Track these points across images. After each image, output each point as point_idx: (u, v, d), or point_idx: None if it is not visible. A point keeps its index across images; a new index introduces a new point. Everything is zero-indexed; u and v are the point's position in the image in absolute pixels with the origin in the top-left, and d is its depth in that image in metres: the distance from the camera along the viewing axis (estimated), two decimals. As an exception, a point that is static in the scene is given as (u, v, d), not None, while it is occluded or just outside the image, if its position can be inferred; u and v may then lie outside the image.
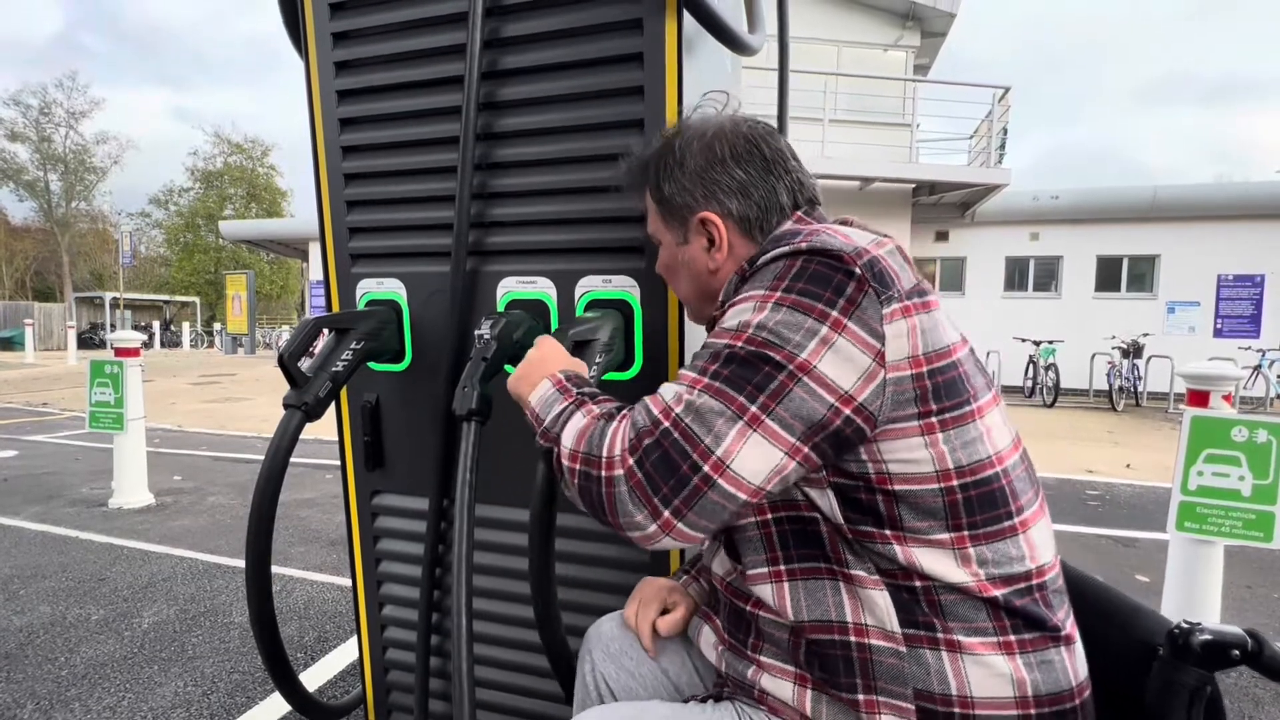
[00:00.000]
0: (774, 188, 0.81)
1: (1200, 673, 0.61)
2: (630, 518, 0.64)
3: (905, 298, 0.65)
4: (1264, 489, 1.98)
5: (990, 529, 0.66)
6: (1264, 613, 2.49)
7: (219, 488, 4.06)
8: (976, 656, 0.64)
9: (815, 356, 0.62)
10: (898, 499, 0.65)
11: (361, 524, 1.40)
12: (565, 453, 0.70)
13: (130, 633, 2.16)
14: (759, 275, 0.69)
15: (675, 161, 0.83)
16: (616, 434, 0.66)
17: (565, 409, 0.74)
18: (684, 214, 0.84)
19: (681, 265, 0.87)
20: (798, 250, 0.67)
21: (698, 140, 0.83)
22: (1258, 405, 8.99)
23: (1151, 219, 10.01)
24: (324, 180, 1.29)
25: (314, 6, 1.22)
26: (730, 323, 0.67)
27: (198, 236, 31.41)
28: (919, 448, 0.65)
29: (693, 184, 0.82)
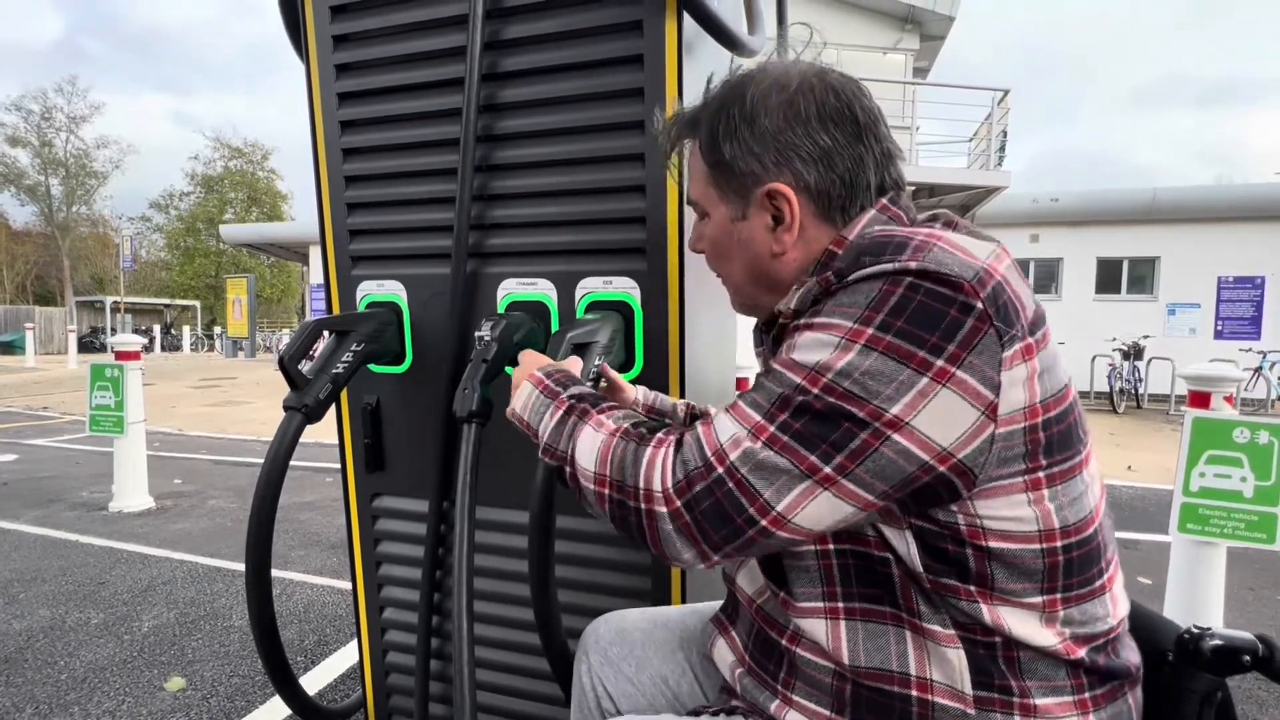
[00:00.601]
0: (862, 159, 0.66)
1: (1210, 678, 0.60)
2: (676, 553, 0.59)
3: (1029, 333, 0.55)
4: (1266, 490, 1.98)
5: (1083, 590, 0.60)
6: (1267, 614, 2.48)
7: (219, 491, 4.06)
8: (1051, 719, 0.59)
9: (910, 412, 0.52)
10: (991, 556, 0.57)
11: (362, 527, 1.40)
12: (588, 475, 0.64)
13: (130, 636, 2.15)
14: (848, 293, 0.56)
15: (744, 116, 0.66)
16: (656, 466, 0.60)
17: (564, 419, 0.68)
18: (747, 183, 0.67)
19: (733, 245, 0.71)
20: (904, 270, 0.54)
21: (777, 93, 0.65)
22: (1259, 407, 8.98)
23: (1151, 221, 10.01)
24: (324, 183, 1.29)
25: (315, 9, 1.22)
26: (807, 357, 0.56)
27: (198, 240, 31.48)
28: (1021, 505, 0.56)
29: (763, 147, 0.65)
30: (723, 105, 0.68)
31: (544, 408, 0.72)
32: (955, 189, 9.56)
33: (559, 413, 0.70)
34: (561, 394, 0.72)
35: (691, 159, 0.74)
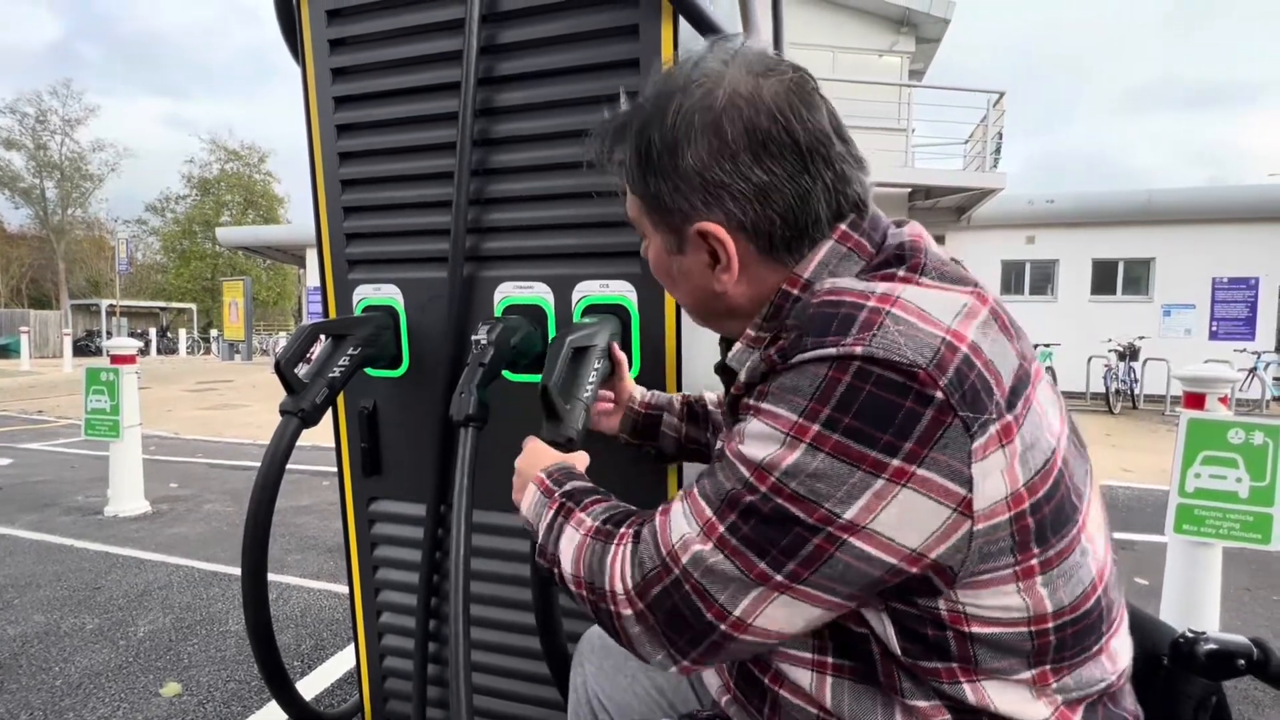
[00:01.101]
0: (807, 192, 0.57)
1: (1205, 683, 0.60)
2: (648, 655, 0.58)
3: (1006, 409, 0.48)
4: (1261, 491, 1.99)
5: (1077, 660, 0.55)
6: (1263, 615, 2.49)
7: (215, 495, 4.04)
8: None
9: (867, 515, 0.47)
10: (974, 640, 0.52)
11: (359, 531, 1.39)
12: (567, 577, 0.63)
13: (125, 641, 2.14)
14: (793, 374, 0.50)
15: (666, 145, 0.58)
16: (616, 565, 0.58)
17: (553, 520, 0.68)
18: (677, 219, 0.61)
19: (678, 274, 0.66)
20: (846, 358, 0.48)
21: (701, 115, 0.57)
22: (1253, 407, 9.01)
23: (1146, 222, 10.06)
24: (321, 186, 1.29)
25: (311, 13, 1.22)
26: (754, 451, 0.51)
27: (194, 243, 31.40)
28: (1011, 594, 0.51)
29: (690, 185, 0.58)
30: (645, 124, 0.60)
31: (541, 510, 0.71)
32: (951, 191, 9.59)
33: (550, 513, 0.69)
34: (556, 492, 0.71)
35: (623, 182, 0.67)
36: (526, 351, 1.13)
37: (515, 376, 1.18)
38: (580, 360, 0.96)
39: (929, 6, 9.91)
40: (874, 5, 10.07)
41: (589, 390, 0.94)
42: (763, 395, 0.52)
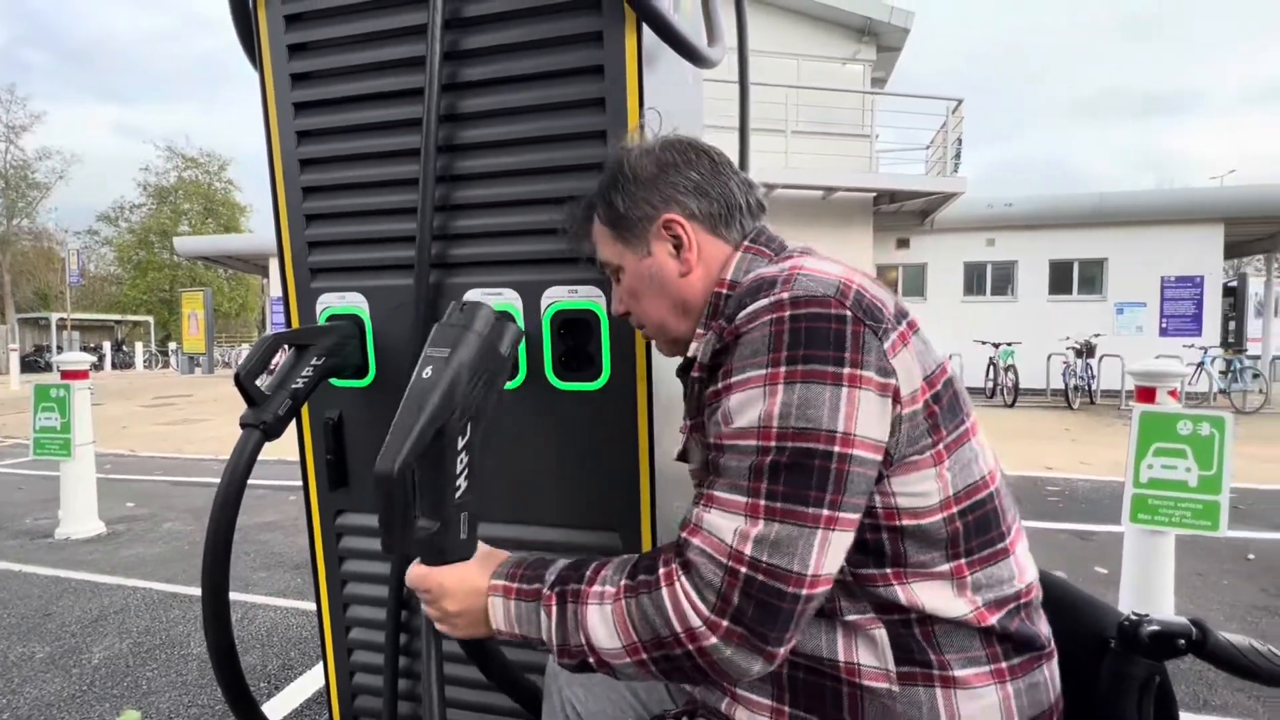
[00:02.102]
0: (728, 184, 0.79)
1: (1149, 663, 0.63)
2: (743, 672, 0.59)
3: (897, 323, 0.63)
4: (1209, 479, 2.08)
5: (985, 553, 0.65)
6: (1215, 599, 2.59)
7: (175, 513, 3.91)
8: (971, 690, 0.63)
9: (851, 423, 0.58)
10: (904, 535, 0.63)
11: (325, 546, 1.36)
12: (616, 653, 0.61)
13: (79, 670, 2.05)
14: (746, 344, 0.62)
15: (626, 178, 0.80)
16: (682, 603, 0.59)
17: (561, 614, 0.64)
18: (643, 225, 0.79)
19: (647, 283, 0.80)
20: (779, 304, 0.61)
21: (644, 155, 0.80)
22: (1202, 400, 9.42)
23: (1099, 224, 10.46)
24: (281, 194, 1.26)
25: (269, 18, 1.20)
26: (747, 419, 0.60)
27: (151, 254, 30.33)
28: (930, 479, 0.63)
29: (648, 192, 0.78)
30: (608, 182, 0.81)
31: (533, 613, 0.66)
32: (914, 195, 9.84)
33: (552, 610, 0.65)
34: (543, 589, 0.66)
35: (597, 233, 0.85)
36: (495, 358, 1.12)
37: (484, 384, 1.17)
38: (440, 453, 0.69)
39: (889, 16, 10.17)
40: (837, 15, 10.29)
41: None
42: (728, 373, 0.63)
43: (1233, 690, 1.92)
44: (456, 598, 0.69)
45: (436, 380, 0.68)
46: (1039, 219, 10.62)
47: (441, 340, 0.74)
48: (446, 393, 0.68)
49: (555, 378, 1.15)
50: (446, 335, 0.74)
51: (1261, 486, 4.51)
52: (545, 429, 1.18)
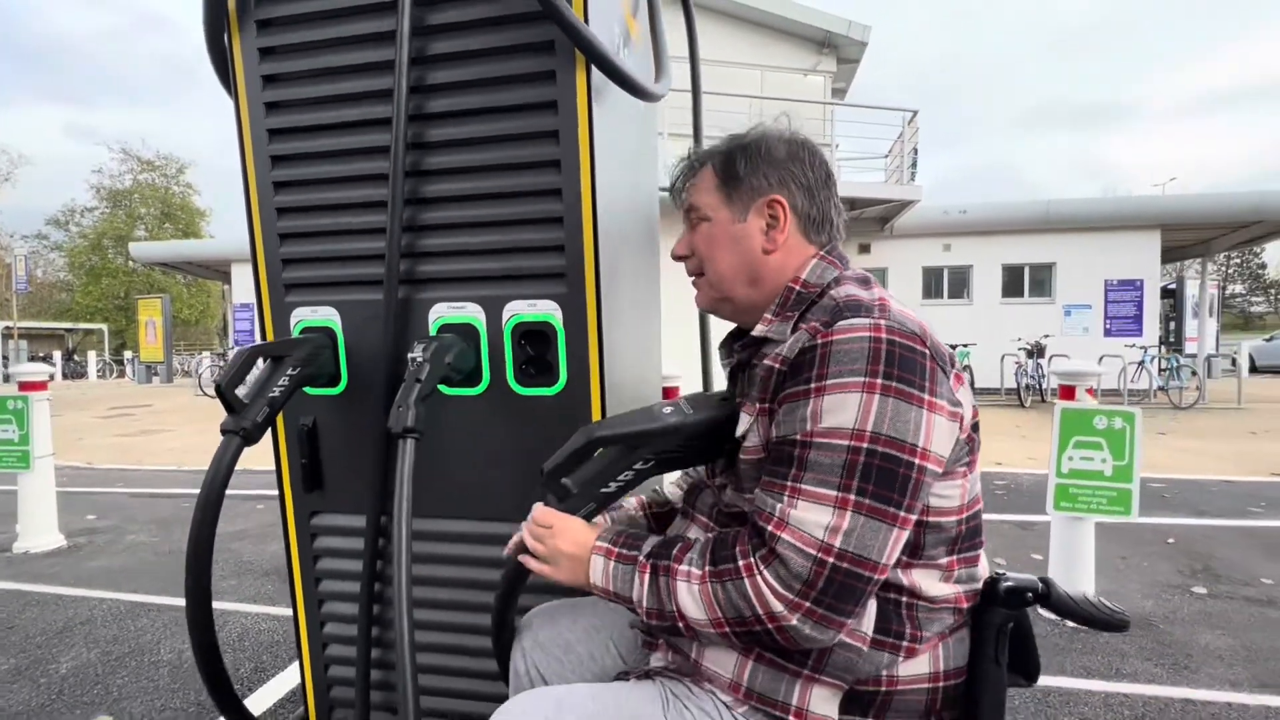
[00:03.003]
0: (832, 199, 0.89)
1: (1005, 612, 0.76)
2: (817, 642, 0.69)
3: (953, 366, 0.75)
4: (1121, 469, 2.28)
5: (970, 554, 0.79)
6: (1136, 579, 2.82)
7: (139, 525, 3.86)
8: (917, 658, 0.75)
9: (930, 441, 0.69)
10: (927, 528, 0.74)
11: (300, 545, 1.44)
12: (703, 623, 0.72)
13: (47, 679, 2.06)
14: (846, 352, 0.70)
15: (757, 148, 0.87)
16: (765, 592, 0.68)
17: (653, 583, 0.75)
18: (751, 193, 0.87)
19: (729, 241, 0.88)
20: (878, 326, 0.71)
21: (782, 141, 0.88)
22: (1143, 397, 9.94)
23: (1047, 230, 10.96)
24: (256, 214, 1.34)
25: (244, 50, 1.28)
26: (841, 420, 0.68)
27: (105, 259, 29.24)
28: (957, 487, 0.76)
29: (770, 168, 0.86)
30: (741, 144, 0.89)
31: (629, 576, 0.78)
32: (874, 202, 10.16)
33: (645, 578, 0.76)
34: (639, 558, 0.78)
35: (701, 179, 0.92)
36: (460, 368, 1.22)
37: (451, 391, 1.27)
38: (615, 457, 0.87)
39: (848, 30, 10.52)
40: (798, 28, 10.59)
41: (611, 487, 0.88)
42: (821, 376, 0.71)
43: (1142, 660, 2.12)
44: (568, 540, 0.82)
45: (672, 418, 0.85)
46: (991, 225, 11.07)
47: (699, 403, 0.88)
48: (664, 432, 0.84)
49: (516, 384, 1.25)
50: (702, 401, 0.89)
51: (1187, 476, 4.84)
52: (506, 431, 1.28)
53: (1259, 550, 3.18)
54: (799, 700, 0.74)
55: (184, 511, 4.15)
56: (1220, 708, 1.85)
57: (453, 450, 1.30)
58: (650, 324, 1.74)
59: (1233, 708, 1.85)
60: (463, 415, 1.28)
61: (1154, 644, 2.22)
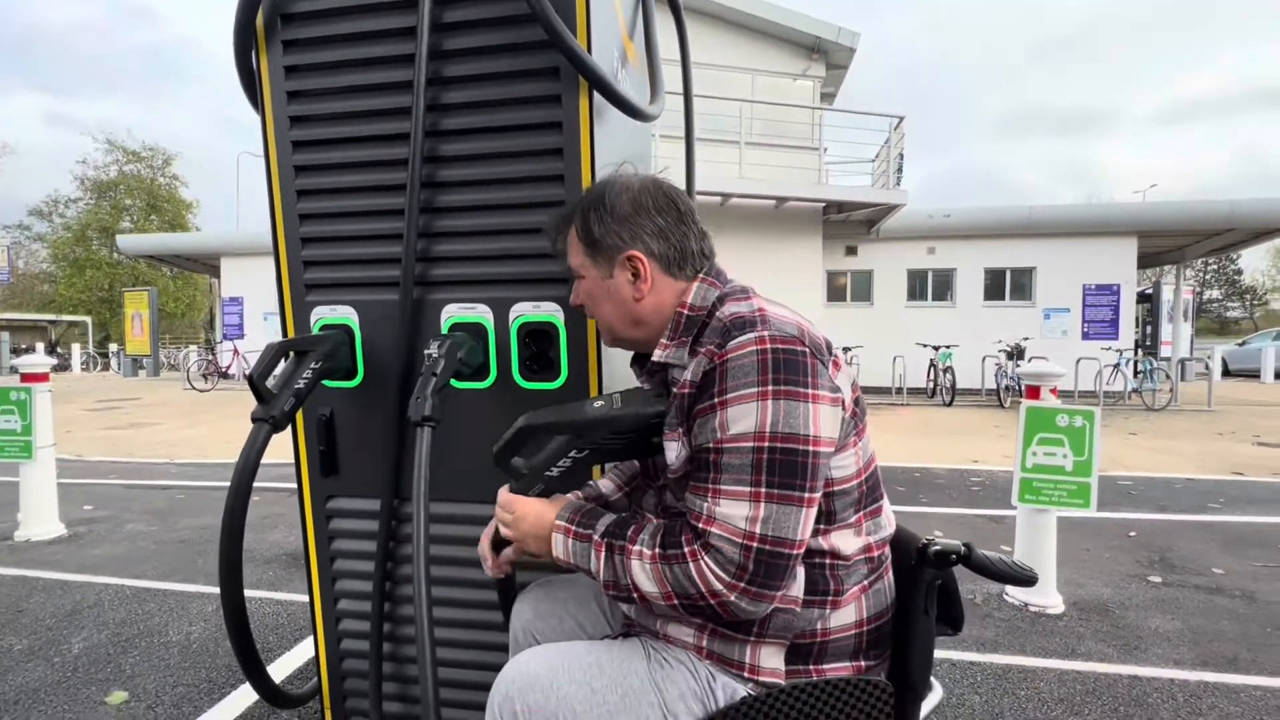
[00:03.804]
0: (686, 235, 0.96)
1: (933, 571, 0.90)
2: (752, 614, 0.80)
3: (831, 354, 0.85)
4: (1081, 464, 2.44)
5: (873, 507, 0.92)
6: (1096, 569, 2.99)
7: (136, 515, 3.93)
8: (844, 608, 0.88)
9: (819, 428, 0.80)
10: (834, 497, 0.87)
11: (317, 527, 1.54)
12: (655, 596, 0.82)
13: (60, 659, 2.15)
14: (738, 368, 0.80)
15: (606, 209, 0.95)
16: (707, 574, 0.78)
17: (609, 559, 0.85)
18: (611, 252, 0.95)
19: (605, 295, 0.98)
20: (761, 339, 0.81)
21: (625, 193, 0.96)
22: (1118, 399, 10.22)
23: (1028, 235, 11.22)
24: (279, 218, 1.44)
25: (270, 67, 1.39)
26: (745, 425, 0.79)
27: (89, 251, 28.83)
28: (851, 456, 0.87)
29: (620, 227, 0.94)
30: (591, 202, 0.97)
31: (585, 552, 0.88)
32: (861, 206, 10.36)
33: (601, 555, 0.87)
34: (594, 536, 0.88)
35: (570, 240, 1.01)
36: (471, 363, 1.33)
37: (461, 385, 1.38)
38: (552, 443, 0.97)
39: (837, 36, 10.69)
40: (789, 33, 10.75)
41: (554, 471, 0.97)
42: (723, 392, 0.81)
43: (1096, 641, 2.28)
44: (530, 523, 0.94)
45: (598, 411, 0.94)
46: (975, 230, 11.32)
47: (630, 398, 0.97)
48: (592, 422, 0.94)
49: (521, 379, 1.37)
50: (634, 396, 0.98)
51: (1153, 475, 5.05)
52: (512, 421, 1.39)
53: (1214, 543, 3.37)
54: (751, 659, 0.87)
55: (180, 503, 4.22)
56: (1163, 683, 2.01)
57: (463, 438, 1.42)
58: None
59: (1174, 683, 2.01)
60: (472, 407, 1.40)
61: (1109, 627, 2.39)
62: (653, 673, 0.88)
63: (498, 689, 0.89)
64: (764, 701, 0.85)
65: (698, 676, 0.88)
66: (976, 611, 2.52)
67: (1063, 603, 2.56)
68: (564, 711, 0.84)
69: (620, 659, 0.90)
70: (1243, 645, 2.26)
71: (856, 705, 0.87)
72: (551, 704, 0.84)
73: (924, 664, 0.91)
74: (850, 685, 0.87)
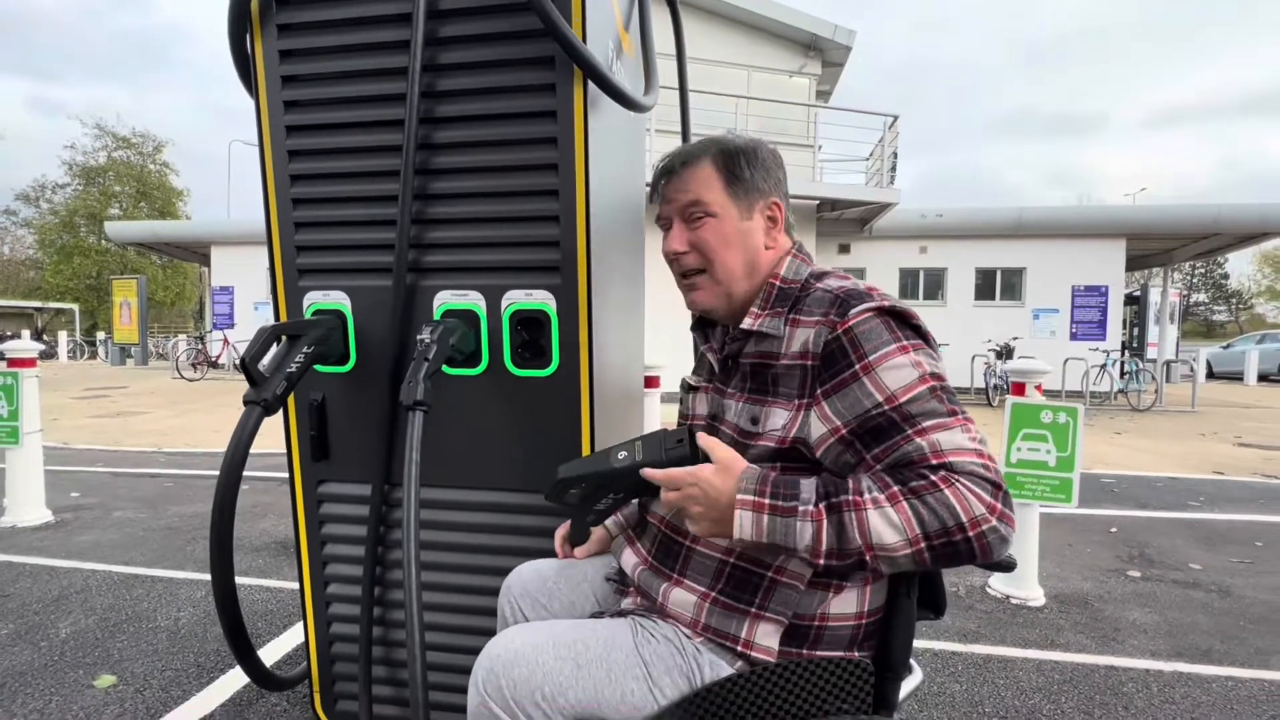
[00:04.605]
0: (788, 202, 1.04)
1: None
2: (1004, 543, 0.74)
3: None
4: (1064, 459, 2.48)
5: None
6: (1078, 563, 3.04)
7: (124, 502, 3.91)
8: (844, 596, 0.88)
9: (939, 366, 0.86)
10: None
11: (308, 512, 1.55)
12: (896, 547, 0.74)
13: (47, 643, 2.15)
14: (868, 333, 0.84)
15: (757, 155, 0.99)
16: (967, 499, 0.73)
17: (838, 520, 0.76)
18: (757, 195, 0.98)
19: (737, 237, 0.98)
20: (881, 308, 0.86)
21: (768, 148, 1.02)
22: (1104, 399, 10.34)
23: (1019, 236, 11.31)
24: (273, 203, 1.44)
25: (265, 52, 1.39)
26: (906, 377, 0.81)
27: (77, 238, 28.45)
28: None
29: (768, 174, 0.99)
30: (737, 147, 0.99)
31: (788, 527, 0.78)
32: (854, 204, 10.39)
33: (821, 521, 0.77)
34: (800, 507, 0.78)
35: (704, 177, 0.99)
36: (463, 349, 1.35)
37: (453, 371, 1.40)
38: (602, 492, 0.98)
39: (833, 34, 10.71)
40: (785, 29, 10.76)
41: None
42: (861, 357, 0.84)
43: (1075, 633, 2.32)
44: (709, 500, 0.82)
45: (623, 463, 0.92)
46: (966, 230, 11.39)
47: (649, 445, 0.92)
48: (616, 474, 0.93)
49: (513, 366, 1.38)
50: (652, 442, 0.92)
51: (1136, 473, 5.13)
52: (503, 408, 1.41)
53: (1192, 539, 3.44)
54: (747, 633, 0.89)
55: (169, 491, 4.20)
56: (1139, 673, 2.06)
57: (454, 424, 1.43)
58: (635, 315, 1.88)
59: (1149, 673, 2.06)
60: (464, 393, 1.41)
61: (1088, 620, 2.43)
62: (639, 648, 0.90)
63: (481, 664, 0.89)
64: (747, 678, 0.87)
65: (684, 653, 0.90)
66: (959, 603, 2.57)
67: (1043, 595, 2.61)
68: (549, 685, 0.85)
69: (606, 635, 0.92)
70: (1216, 638, 2.31)
71: (837, 684, 0.89)
72: (537, 678, 0.85)
73: (905, 646, 0.93)
74: (832, 664, 0.89)
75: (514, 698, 0.85)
